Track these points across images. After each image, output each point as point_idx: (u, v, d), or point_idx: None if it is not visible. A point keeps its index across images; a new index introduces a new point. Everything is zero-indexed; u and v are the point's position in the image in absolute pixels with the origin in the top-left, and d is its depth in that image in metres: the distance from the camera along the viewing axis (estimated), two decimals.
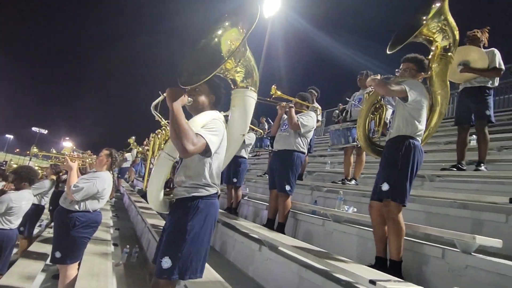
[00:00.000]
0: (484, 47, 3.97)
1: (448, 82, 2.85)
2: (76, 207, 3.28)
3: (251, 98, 2.06)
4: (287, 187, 3.79)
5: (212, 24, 2.14)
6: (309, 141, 4.05)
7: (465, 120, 4.07)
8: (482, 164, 3.90)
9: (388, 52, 2.77)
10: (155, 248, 1.99)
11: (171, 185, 2.01)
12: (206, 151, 1.69)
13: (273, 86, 3.90)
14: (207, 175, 1.80)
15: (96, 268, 3.41)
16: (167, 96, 1.65)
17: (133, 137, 10.61)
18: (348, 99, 4.92)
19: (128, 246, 4.46)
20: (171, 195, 1.94)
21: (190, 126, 1.62)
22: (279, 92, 3.99)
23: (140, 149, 10.51)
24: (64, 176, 5.52)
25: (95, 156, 4.41)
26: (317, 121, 5.47)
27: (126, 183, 12.60)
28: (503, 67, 3.91)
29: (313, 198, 4.98)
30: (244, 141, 4.62)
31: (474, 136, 4.30)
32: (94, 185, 3.32)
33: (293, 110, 3.86)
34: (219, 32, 2.09)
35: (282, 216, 3.86)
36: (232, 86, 2.06)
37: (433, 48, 2.75)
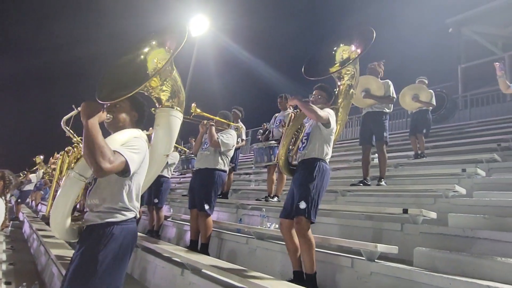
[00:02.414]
0: (381, 78, 4.68)
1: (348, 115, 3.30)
2: None
3: (176, 118, 2.01)
4: (206, 206, 3.75)
5: (138, 42, 2.09)
6: (230, 159, 4.12)
7: (367, 141, 4.67)
8: (382, 180, 4.48)
9: (306, 77, 3.07)
10: (59, 283, 1.76)
11: (82, 209, 1.82)
12: (125, 171, 1.56)
13: (193, 104, 3.89)
14: (125, 197, 1.65)
15: None
16: (81, 111, 1.53)
17: (41, 156, 9.27)
18: (265, 124, 5.20)
19: (25, 283, 3.83)
20: (81, 221, 1.74)
21: (107, 143, 1.49)
22: (198, 110, 3.99)
23: (49, 169, 9.25)
24: None
25: None
26: (242, 140, 5.64)
27: (29, 209, 10.93)
28: (395, 95, 4.67)
29: (238, 216, 5.03)
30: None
31: (377, 155, 4.94)
32: None
33: (213, 128, 3.89)
34: (145, 50, 2.05)
35: (204, 237, 3.80)
36: (156, 104, 1.99)
37: (340, 84, 3.14)
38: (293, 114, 3.17)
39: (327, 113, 2.74)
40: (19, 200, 9.84)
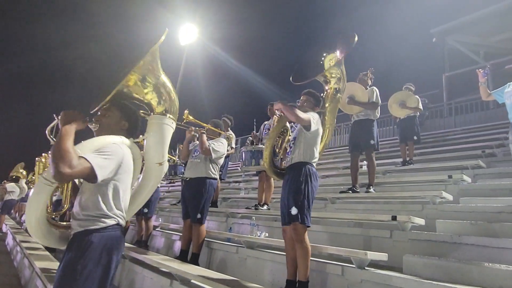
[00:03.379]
0: (369, 85, 4.78)
1: (335, 119, 3.33)
2: None
3: (169, 126, 1.93)
4: (199, 215, 3.74)
5: (132, 61, 2.05)
6: (219, 167, 4.10)
7: (356, 148, 4.73)
8: (371, 187, 4.53)
9: (294, 83, 3.11)
10: None
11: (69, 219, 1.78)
12: (91, 177, 1.51)
13: (186, 110, 3.90)
14: (102, 204, 1.61)
15: None
16: (59, 119, 1.55)
17: (22, 163, 8.98)
18: (255, 132, 5.22)
19: None
20: (69, 229, 1.71)
21: (74, 149, 1.47)
22: (191, 117, 3.99)
23: (31, 177, 8.98)
24: None
25: None
26: (231, 148, 5.62)
27: (12, 220, 10.60)
28: (380, 101, 4.77)
29: (228, 225, 4.98)
30: None
31: (365, 162, 4.99)
32: None
33: (204, 136, 3.88)
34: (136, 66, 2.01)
35: (196, 246, 3.75)
36: (148, 111, 1.93)
37: (327, 87, 3.18)
38: (276, 117, 3.18)
39: (310, 115, 2.77)
40: (1, 211, 9.51)
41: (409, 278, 2.28)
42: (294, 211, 2.59)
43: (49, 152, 1.91)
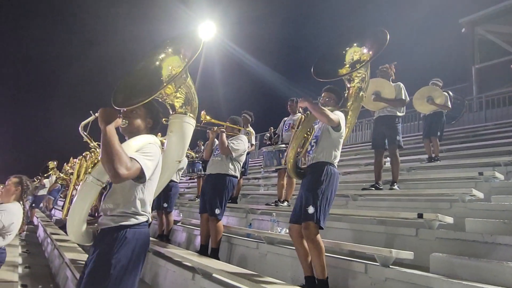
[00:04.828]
0: (392, 80, 4.59)
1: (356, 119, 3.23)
2: None
3: (189, 124, 2.02)
4: (217, 211, 3.75)
5: (153, 49, 2.11)
6: (241, 164, 4.11)
7: (380, 145, 4.58)
8: (395, 184, 4.39)
9: (315, 78, 3.00)
10: (73, 286, 1.77)
11: (96, 213, 1.83)
12: (139, 177, 1.58)
13: (203, 112, 3.93)
14: (138, 202, 1.67)
15: None
16: (99, 117, 1.55)
17: (55, 162, 9.39)
18: (272, 128, 5.15)
19: (40, 286, 3.89)
20: (95, 224, 1.76)
21: (124, 150, 1.51)
22: (208, 117, 4.03)
23: (62, 174, 9.36)
24: None
25: (1, 185, 3.83)
26: (251, 144, 5.61)
27: (42, 213, 11.13)
28: (407, 98, 4.57)
29: (248, 221, 4.99)
30: None
31: (389, 158, 4.84)
32: None
33: (224, 135, 3.89)
34: (161, 57, 2.08)
35: (215, 242, 3.78)
36: (170, 111, 2.01)
37: (350, 86, 3.07)
38: (303, 116, 3.11)
39: (338, 116, 2.70)
40: (33, 205, 10.01)
41: (437, 277, 2.19)
42: (311, 210, 2.53)
43: (91, 151, 1.97)
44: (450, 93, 6.25)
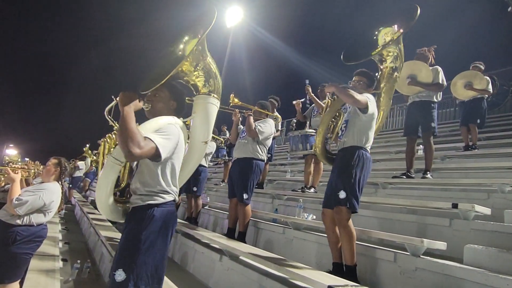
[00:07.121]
0: (431, 64, 4.34)
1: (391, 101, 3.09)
2: (18, 221, 2.98)
3: (214, 105, 2.01)
4: (245, 196, 3.80)
5: (173, 37, 2.13)
6: (268, 149, 4.11)
7: (413, 132, 4.38)
8: (428, 172, 4.21)
9: (345, 63, 2.93)
10: (108, 262, 1.88)
11: (127, 194, 1.92)
12: (155, 156, 1.62)
13: (232, 94, 3.93)
14: (162, 181, 1.74)
15: (41, 286, 3.12)
16: (119, 100, 1.61)
17: (87, 145, 9.92)
18: (298, 100, 4.83)
19: (78, 261, 4.15)
20: (127, 203, 1.85)
21: (139, 130, 1.56)
22: (236, 100, 4.03)
23: (94, 157, 9.87)
24: (8, 186, 5.02)
25: (42, 166, 4.07)
26: (277, 130, 5.58)
27: (79, 194, 11.80)
28: (445, 83, 4.31)
29: (274, 206, 5.02)
30: None
31: (421, 146, 4.64)
32: (40, 198, 3.05)
33: (251, 117, 3.89)
34: (181, 45, 2.08)
35: (242, 225, 3.85)
36: (194, 92, 2.01)
37: (382, 67, 2.95)
38: (329, 100, 3.03)
39: (366, 97, 2.61)
40: (70, 186, 10.67)
41: (471, 269, 2.10)
42: (342, 194, 2.51)
43: (112, 133, 2.05)
44: (495, 77, 5.83)
